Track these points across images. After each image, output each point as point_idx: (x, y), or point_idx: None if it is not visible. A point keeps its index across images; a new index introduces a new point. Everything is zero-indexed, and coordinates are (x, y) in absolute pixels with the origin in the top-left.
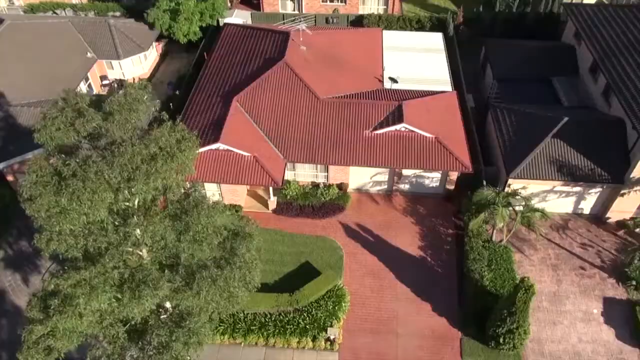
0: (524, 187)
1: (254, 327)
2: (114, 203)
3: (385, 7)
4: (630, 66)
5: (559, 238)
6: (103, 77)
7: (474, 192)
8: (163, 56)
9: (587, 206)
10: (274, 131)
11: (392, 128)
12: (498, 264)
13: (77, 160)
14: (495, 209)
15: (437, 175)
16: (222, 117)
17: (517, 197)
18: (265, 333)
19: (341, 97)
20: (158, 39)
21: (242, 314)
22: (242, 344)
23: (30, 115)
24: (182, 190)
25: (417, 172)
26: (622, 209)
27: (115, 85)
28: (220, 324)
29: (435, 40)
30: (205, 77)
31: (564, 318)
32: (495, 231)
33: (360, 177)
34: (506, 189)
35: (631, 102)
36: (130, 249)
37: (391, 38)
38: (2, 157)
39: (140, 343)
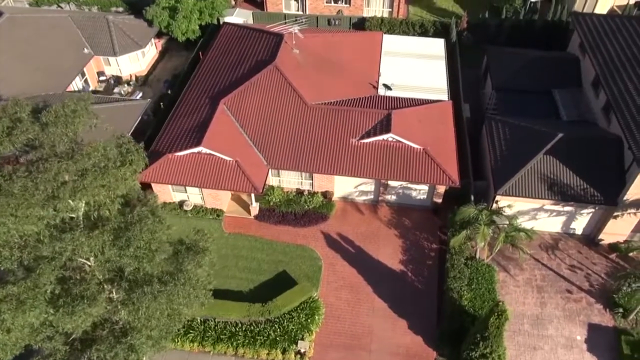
0: (509, 205)
1: (223, 336)
2: (47, 217)
3: (390, 9)
4: (632, 82)
5: (547, 258)
6: (100, 73)
7: (460, 206)
8: (163, 53)
9: (579, 226)
10: (259, 136)
11: (379, 138)
12: (479, 284)
13: (3, 174)
14: (477, 227)
15: (424, 187)
16: (208, 119)
17: (501, 215)
18: (234, 343)
19: (331, 103)
20: (159, 36)
21: (212, 322)
22: (211, 352)
23: None
24: (117, 207)
25: (404, 183)
26: (615, 231)
27: (112, 82)
28: (190, 331)
29: (437, 46)
30: (197, 78)
31: (545, 343)
32: (478, 249)
33: (346, 186)
34: (494, 206)
35: (629, 121)
36: (69, 262)
37: (391, 42)
38: None
39: (82, 357)
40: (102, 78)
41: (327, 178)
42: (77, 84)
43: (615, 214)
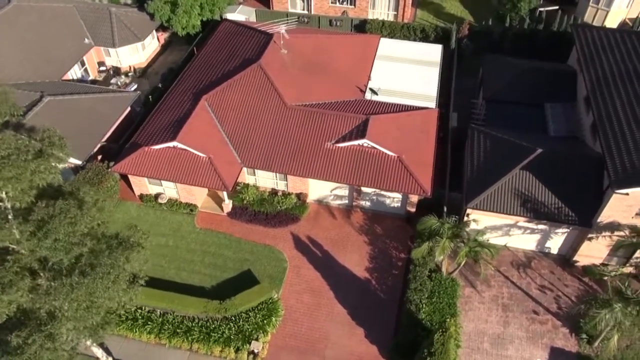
0: (474, 220)
1: (179, 330)
2: None
3: (395, 13)
4: (620, 100)
5: (517, 276)
6: (101, 64)
7: (424, 217)
8: (165, 47)
9: (554, 246)
10: (236, 134)
11: (354, 143)
12: (440, 297)
13: None
14: (438, 240)
15: (398, 195)
16: (188, 115)
17: (465, 229)
18: (190, 338)
19: (312, 105)
20: (164, 30)
21: (171, 316)
22: (167, 345)
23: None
24: (30, 199)
25: (378, 190)
26: (590, 253)
27: (112, 72)
28: (149, 323)
29: (433, 52)
30: (187, 73)
31: None
32: (444, 262)
33: (321, 189)
34: (465, 219)
35: (610, 141)
36: None
37: (387, 47)
38: None
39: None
40: (102, 68)
41: (301, 180)
42: (76, 72)
43: (590, 235)
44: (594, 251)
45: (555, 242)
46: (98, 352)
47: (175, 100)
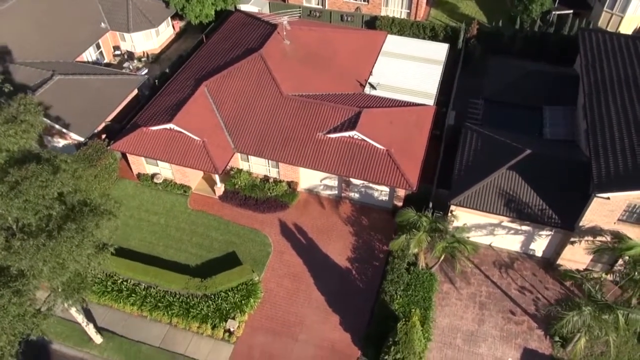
0: (454, 215)
1: (161, 305)
2: None
3: (408, 11)
4: (615, 105)
5: (497, 276)
6: (116, 48)
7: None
8: (180, 35)
9: (538, 248)
10: (231, 120)
11: (345, 134)
12: (416, 290)
13: None
14: (414, 233)
15: (386, 189)
16: (187, 99)
17: (443, 224)
18: (170, 312)
19: (308, 96)
20: (181, 18)
21: (154, 290)
22: (148, 317)
23: (26, 74)
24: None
25: (366, 182)
26: (573, 258)
27: (126, 57)
28: (133, 295)
29: (439, 51)
30: (193, 60)
31: None
32: (421, 256)
33: (311, 178)
34: (449, 215)
35: (599, 146)
36: None
37: (393, 43)
38: None
39: None
40: (116, 52)
41: (292, 168)
42: (91, 55)
43: (572, 239)
44: (577, 256)
45: (540, 245)
46: (79, 317)
47: (177, 86)
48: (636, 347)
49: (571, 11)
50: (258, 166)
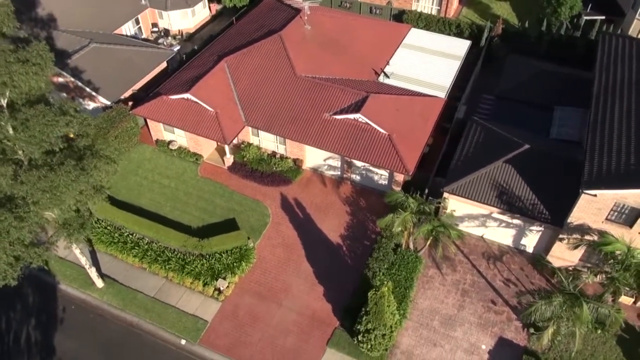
0: (439, 202)
1: (160, 259)
2: None
3: (438, 7)
4: (620, 108)
5: (485, 267)
6: (154, 25)
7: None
8: (215, 17)
9: (529, 244)
10: (245, 95)
11: (349, 116)
12: (399, 270)
13: None
14: (400, 213)
15: (385, 173)
16: (207, 73)
17: (429, 207)
18: (167, 266)
19: (320, 78)
20: (218, 2)
21: (155, 245)
22: (147, 269)
23: (66, 40)
24: (6, 100)
25: (367, 165)
26: (562, 256)
27: (162, 33)
28: (136, 247)
29: (459, 47)
30: (220, 39)
31: (447, 342)
32: (411, 238)
33: (316, 157)
34: (441, 203)
35: (596, 146)
36: None
37: (416, 36)
38: None
39: None
40: (154, 29)
41: (299, 146)
42: (130, 29)
43: (561, 236)
44: (565, 254)
45: (531, 240)
46: (82, 259)
47: (201, 61)
48: (614, 348)
49: (602, 17)
50: (267, 142)
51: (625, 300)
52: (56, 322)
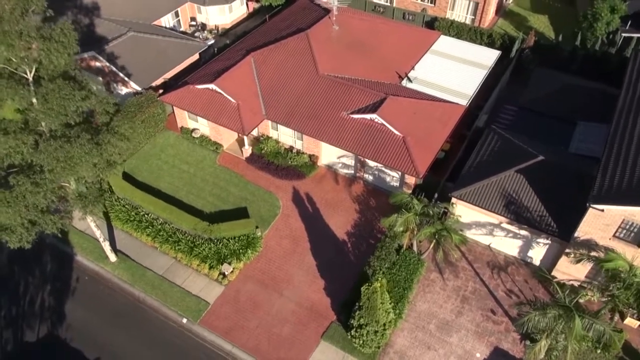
0: (446, 207)
1: (170, 240)
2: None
3: (473, 17)
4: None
5: (488, 275)
6: (192, 19)
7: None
8: (252, 15)
9: (536, 257)
10: (268, 89)
11: (366, 116)
12: (399, 270)
13: None
14: (403, 213)
15: (397, 174)
16: (233, 66)
17: (432, 209)
18: (177, 247)
19: (341, 77)
20: (256, 0)
21: (167, 226)
22: (158, 249)
23: (107, 28)
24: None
25: (379, 166)
26: (567, 271)
27: (199, 27)
28: (150, 227)
29: (488, 56)
30: (251, 35)
31: (441, 347)
32: (414, 240)
33: (331, 154)
34: (450, 207)
35: (610, 161)
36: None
37: (445, 43)
38: None
39: (5, 181)
40: (192, 23)
41: (315, 142)
42: (169, 21)
43: (567, 250)
44: (571, 269)
45: (538, 253)
46: (97, 232)
47: (231, 55)
48: None
49: None
50: (286, 136)
51: (632, 322)
52: (69, 290)
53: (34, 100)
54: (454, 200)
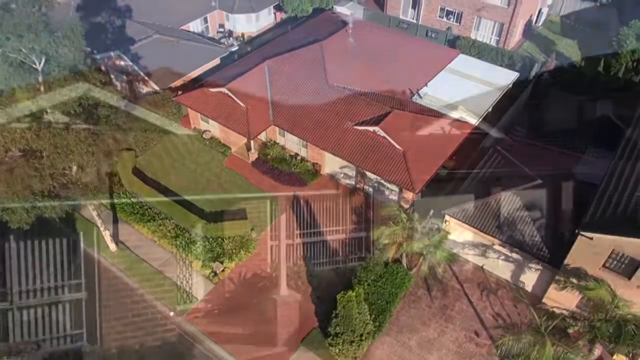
0: (432, 223)
1: (169, 235)
2: None
3: (497, 38)
4: None
5: (477, 297)
6: (220, 26)
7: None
8: (279, 25)
9: (528, 282)
10: (278, 96)
11: (369, 128)
12: (385, 283)
13: None
14: (390, 226)
15: (395, 188)
16: (247, 72)
17: (415, 224)
18: (174, 242)
19: (350, 89)
20: (285, 11)
21: (168, 221)
22: (157, 242)
23: (135, 29)
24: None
25: (379, 178)
26: (557, 299)
27: (226, 34)
28: (151, 221)
29: (505, 77)
30: (271, 44)
31: None
32: (401, 253)
33: (334, 164)
34: (444, 225)
35: (607, 190)
36: None
37: (462, 62)
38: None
39: None
40: (220, 29)
41: (319, 151)
42: (197, 27)
43: (557, 278)
44: (561, 297)
45: (530, 278)
46: (98, 221)
47: (248, 62)
48: None
49: None
50: (292, 143)
51: (620, 359)
52: (70, 272)
53: (42, 87)
54: (447, 217)
